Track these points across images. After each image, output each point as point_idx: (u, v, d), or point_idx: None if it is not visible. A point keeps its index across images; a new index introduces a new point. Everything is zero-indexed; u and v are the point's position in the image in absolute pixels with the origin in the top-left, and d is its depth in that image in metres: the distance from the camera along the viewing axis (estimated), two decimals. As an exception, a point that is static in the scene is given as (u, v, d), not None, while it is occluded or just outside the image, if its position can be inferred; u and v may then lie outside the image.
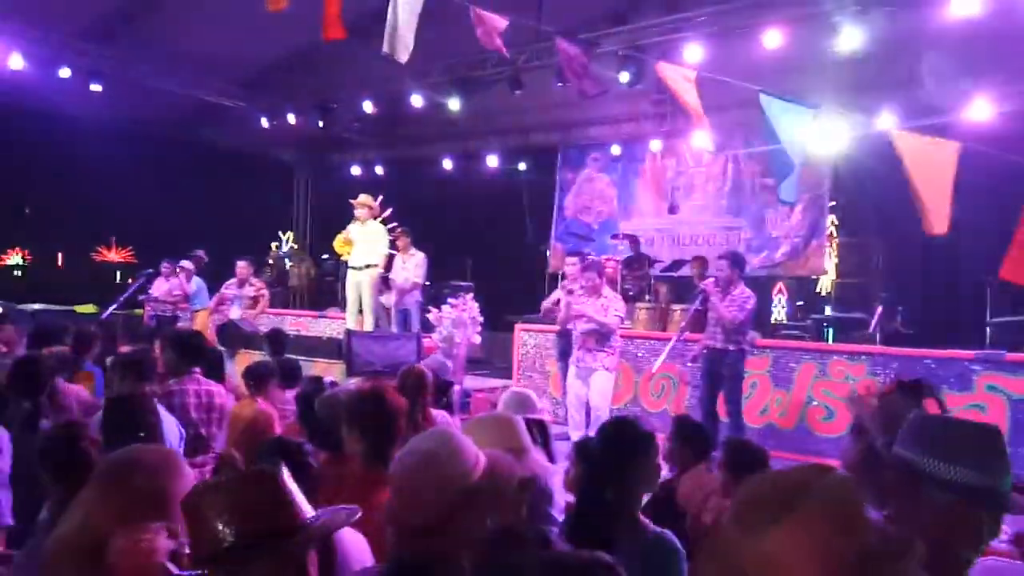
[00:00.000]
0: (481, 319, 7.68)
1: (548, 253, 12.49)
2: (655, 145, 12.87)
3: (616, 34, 9.93)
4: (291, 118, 13.44)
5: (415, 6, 3.92)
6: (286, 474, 1.60)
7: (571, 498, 2.80)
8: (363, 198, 9.67)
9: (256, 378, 4.91)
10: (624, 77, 9.47)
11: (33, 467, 2.55)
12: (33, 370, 4.05)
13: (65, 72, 11.15)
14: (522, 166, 15.20)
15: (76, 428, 2.64)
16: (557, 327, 7.55)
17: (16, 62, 10.60)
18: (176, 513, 1.72)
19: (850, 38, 7.73)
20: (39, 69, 10.98)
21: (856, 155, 9.76)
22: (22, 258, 59.58)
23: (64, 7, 10.55)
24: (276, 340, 6.97)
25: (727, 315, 6.50)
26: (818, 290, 12.82)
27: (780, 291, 12.47)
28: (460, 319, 7.45)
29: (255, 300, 9.81)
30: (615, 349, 6.79)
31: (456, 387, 7.58)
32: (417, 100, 12.10)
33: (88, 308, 17.60)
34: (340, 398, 3.28)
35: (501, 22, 3.83)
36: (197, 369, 4.45)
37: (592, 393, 6.58)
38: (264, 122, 13.70)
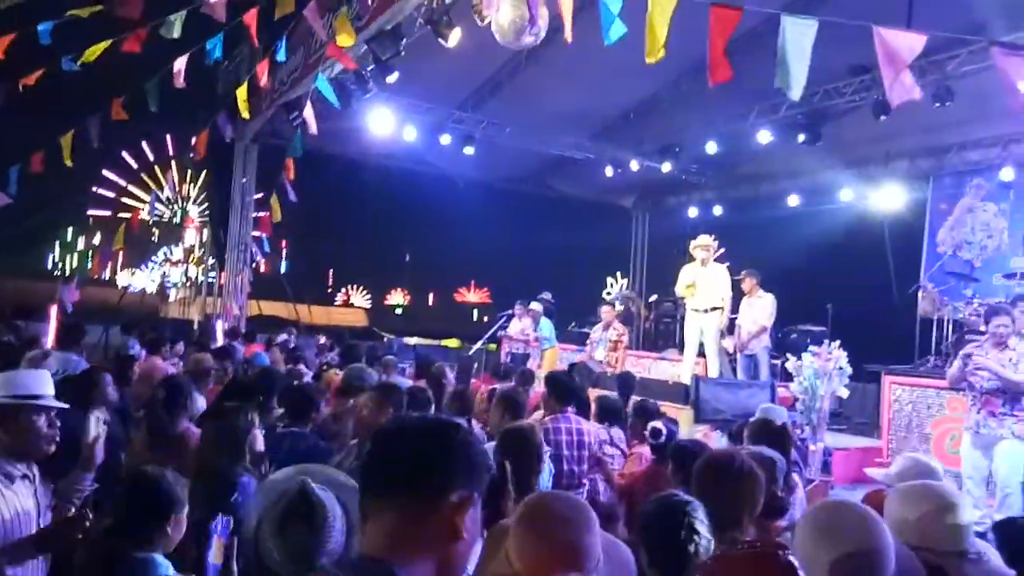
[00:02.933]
0: (850, 370, 6.95)
1: (920, 295, 10.98)
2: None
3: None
4: (633, 165, 13.85)
5: (804, 40, 3.67)
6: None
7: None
8: (703, 239, 9.44)
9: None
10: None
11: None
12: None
13: (445, 139, 12.93)
14: (881, 199, 13.70)
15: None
16: (946, 383, 6.50)
17: (409, 133, 12.66)
18: (586, 565, 1.72)
19: None
20: (426, 137, 12.94)
21: None
22: (403, 298, 70.03)
23: (447, 84, 12.20)
24: (626, 383, 7.05)
25: None
26: None
27: None
28: (824, 369, 6.82)
29: (616, 344, 10.02)
30: (1026, 413, 5.60)
31: (817, 444, 6.95)
32: (764, 136, 11.64)
33: (453, 342, 19.79)
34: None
35: (917, 40, 3.38)
36: (570, 408, 4.66)
37: (998, 465, 5.50)
38: (608, 170, 14.29)
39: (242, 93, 9.23)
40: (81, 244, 62.63)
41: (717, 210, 16.36)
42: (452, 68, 10.97)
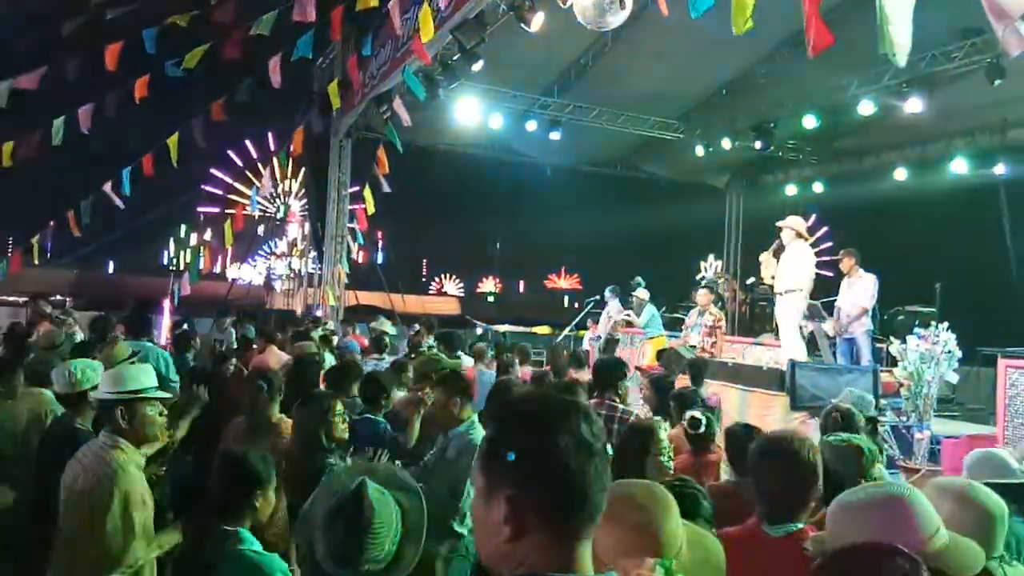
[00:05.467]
0: (959, 354, 6.53)
1: (1041, 272, 10.22)
2: None
3: None
4: (726, 143, 13.45)
5: (904, 2, 3.45)
6: None
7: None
8: (789, 220, 9.07)
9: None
10: None
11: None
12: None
13: (531, 125, 12.94)
14: (999, 169, 12.76)
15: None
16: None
17: (495, 120, 12.76)
18: (665, 552, 1.71)
19: None
20: (511, 124, 13.02)
21: None
22: (494, 285, 70.82)
23: (531, 70, 12.18)
24: (697, 369, 6.86)
25: None
26: None
27: None
28: (931, 353, 6.44)
29: (712, 329, 9.79)
30: None
31: (924, 432, 6.58)
32: (866, 107, 11.04)
33: (544, 329, 19.85)
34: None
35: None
36: (610, 394, 4.65)
37: None
38: (699, 150, 13.95)
39: (333, 88, 9.53)
40: (193, 240, 66.42)
41: (817, 187, 15.71)
42: (536, 53, 10.94)
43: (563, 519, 1.10)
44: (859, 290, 9.19)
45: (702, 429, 4.02)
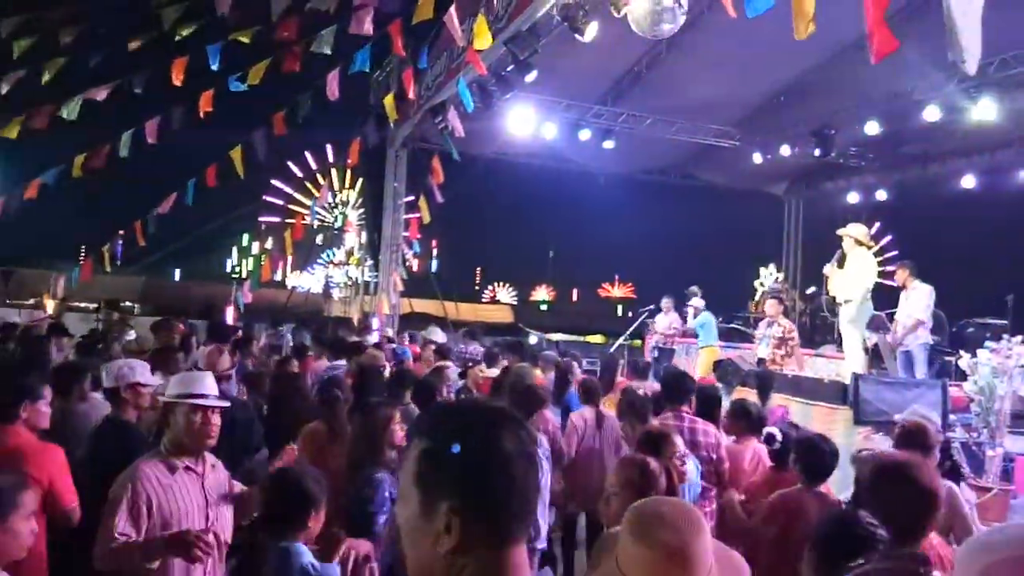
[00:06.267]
0: (1034, 368, 6.23)
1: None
2: None
3: None
4: (784, 150, 13.18)
5: (972, 5, 3.32)
6: None
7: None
8: (850, 228, 8.85)
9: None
10: None
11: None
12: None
13: (585, 134, 12.91)
14: (1076, 176, 12.22)
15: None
16: None
17: (548, 130, 12.78)
18: (697, 572, 1.66)
19: None
20: (565, 134, 13.01)
21: None
22: (547, 294, 70.78)
23: (585, 79, 12.15)
24: (764, 381, 6.67)
25: None
26: None
27: None
28: (1003, 367, 6.16)
29: (782, 341, 9.55)
30: None
31: (996, 449, 6.29)
32: (932, 113, 10.68)
33: (597, 339, 19.73)
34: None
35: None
36: (684, 408, 4.51)
37: None
38: (757, 158, 13.70)
39: (389, 100, 9.69)
40: (255, 249, 68.23)
41: (880, 195, 15.28)
42: (589, 63, 10.90)
43: (507, 525, 1.10)
44: (913, 302, 8.90)
45: (776, 445, 3.97)
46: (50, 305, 14.96)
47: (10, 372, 4.45)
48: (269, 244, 62.86)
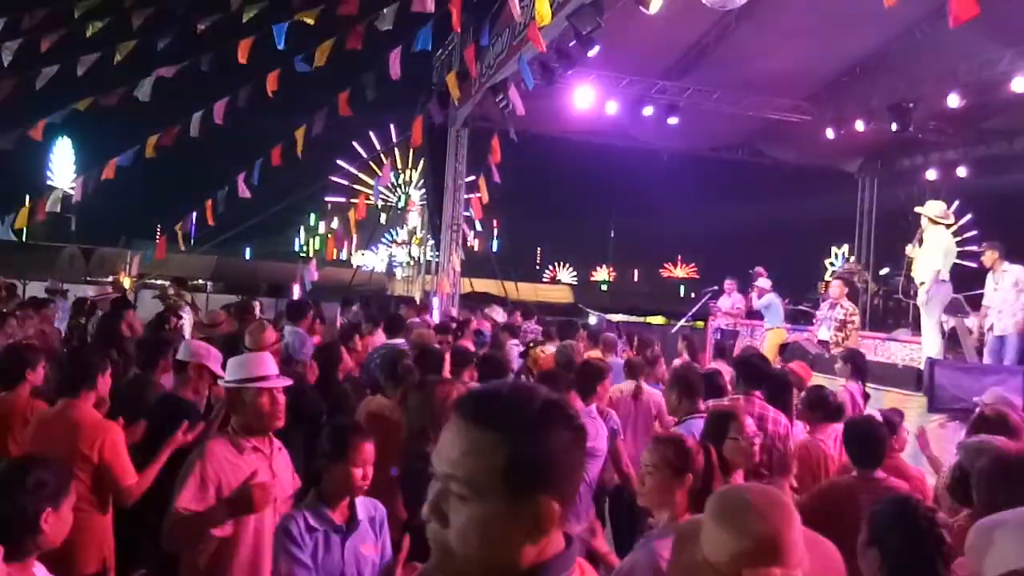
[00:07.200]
0: None
1: None
2: None
3: None
4: (859, 125, 12.66)
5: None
6: None
7: None
8: (928, 206, 8.45)
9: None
10: None
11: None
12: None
13: (648, 110, 12.66)
14: None
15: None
16: None
17: (611, 107, 12.57)
18: (787, 561, 1.60)
19: None
20: (627, 111, 12.77)
21: None
22: (608, 274, 70.26)
23: (648, 54, 11.88)
24: (856, 362, 6.20)
25: None
26: None
27: None
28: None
29: (843, 324, 9.26)
30: None
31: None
32: (1021, 83, 10.07)
33: (658, 319, 19.49)
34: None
35: None
36: (757, 392, 4.30)
37: None
38: (829, 133, 13.20)
39: (451, 79, 9.67)
40: (322, 228, 69.74)
41: (961, 171, 14.57)
42: (653, 36, 10.66)
43: (566, 509, 1.14)
44: (1006, 286, 8.45)
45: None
46: (127, 282, 15.60)
47: (84, 350, 4.63)
48: (335, 224, 64.22)
